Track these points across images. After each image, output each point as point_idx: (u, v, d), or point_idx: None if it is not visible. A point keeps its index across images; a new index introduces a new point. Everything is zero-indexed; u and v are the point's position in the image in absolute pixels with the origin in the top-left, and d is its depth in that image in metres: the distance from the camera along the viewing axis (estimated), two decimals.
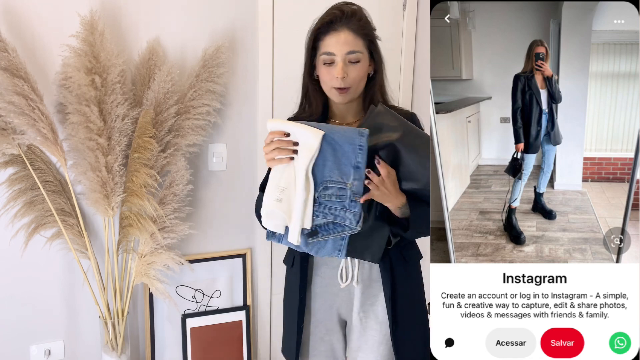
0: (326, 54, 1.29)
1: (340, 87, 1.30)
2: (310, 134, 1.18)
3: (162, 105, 1.89)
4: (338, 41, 1.27)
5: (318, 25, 1.32)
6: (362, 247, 1.31)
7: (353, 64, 1.29)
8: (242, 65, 2.19)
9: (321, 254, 1.31)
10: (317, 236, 1.25)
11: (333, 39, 1.28)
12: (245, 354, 2.31)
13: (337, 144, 1.18)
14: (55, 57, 1.84)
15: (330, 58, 1.29)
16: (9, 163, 1.83)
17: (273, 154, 1.21)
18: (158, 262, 1.94)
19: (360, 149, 1.18)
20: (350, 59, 1.29)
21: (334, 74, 1.28)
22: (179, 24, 2.05)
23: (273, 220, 1.25)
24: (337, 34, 1.28)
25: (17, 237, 1.85)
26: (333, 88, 1.31)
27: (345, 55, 1.28)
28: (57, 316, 2.04)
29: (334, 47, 1.28)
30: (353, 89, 1.32)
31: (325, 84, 1.33)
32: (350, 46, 1.28)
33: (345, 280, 1.42)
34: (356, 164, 1.19)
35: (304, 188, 1.18)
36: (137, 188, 1.82)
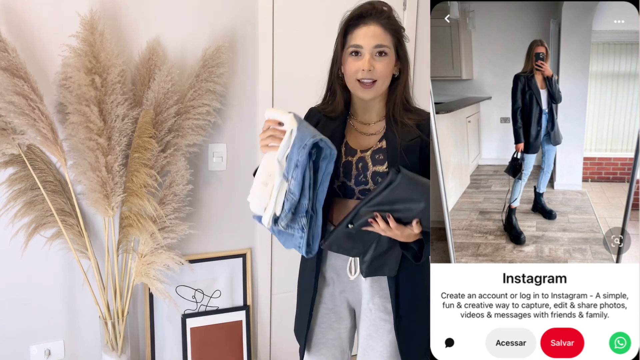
0: (354, 46, 1.30)
1: (365, 81, 1.29)
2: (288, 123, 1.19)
3: (162, 105, 1.89)
4: (367, 34, 1.28)
5: (349, 17, 1.32)
6: (380, 265, 1.36)
7: (380, 57, 1.29)
8: (242, 65, 2.19)
9: (287, 245, 1.35)
10: (276, 224, 1.28)
11: (362, 31, 1.29)
12: (245, 354, 2.31)
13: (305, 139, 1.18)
14: (55, 57, 1.84)
15: (357, 50, 1.29)
16: (9, 163, 1.83)
17: (267, 141, 1.25)
18: (158, 262, 1.94)
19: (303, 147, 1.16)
20: (377, 52, 1.29)
21: (360, 65, 1.28)
22: (179, 24, 2.05)
23: (256, 201, 1.29)
24: (367, 27, 1.28)
25: (17, 237, 1.85)
26: (357, 81, 1.31)
27: (373, 48, 1.28)
28: (57, 316, 2.04)
29: (362, 40, 1.28)
30: (378, 84, 1.31)
31: (350, 77, 1.32)
32: (378, 40, 1.28)
33: (353, 273, 1.43)
34: (296, 161, 1.18)
35: (278, 173, 1.21)
36: (137, 188, 1.82)
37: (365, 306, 1.47)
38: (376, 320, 1.46)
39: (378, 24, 1.29)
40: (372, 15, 1.29)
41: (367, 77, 1.29)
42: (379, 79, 1.30)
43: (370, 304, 1.46)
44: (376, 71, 1.28)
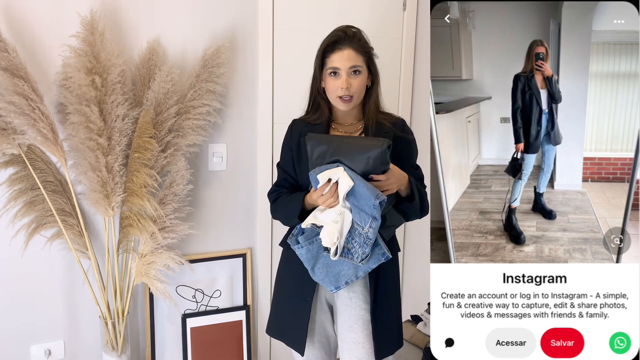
0: (332, 68, 1.51)
1: (344, 97, 1.50)
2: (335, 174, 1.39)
3: (163, 105, 1.89)
4: (342, 57, 1.49)
5: (325, 44, 1.53)
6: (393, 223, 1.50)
7: (355, 75, 1.50)
8: (242, 65, 2.19)
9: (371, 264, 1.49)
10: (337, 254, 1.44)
11: (338, 55, 1.50)
12: (245, 354, 2.31)
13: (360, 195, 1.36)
14: (55, 57, 1.84)
15: (335, 71, 1.50)
16: (9, 163, 1.83)
17: (329, 202, 1.41)
18: (158, 262, 1.94)
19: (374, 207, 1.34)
20: (352, 71, 1.50)
21: (339, 84, 1.50)
22: (180, 24, 2.05)
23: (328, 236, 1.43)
24: (342, 52, 1.49)
25: (18, 237, 1.85)
26: (338, 97, 1.51)
27: (349, 69, 1.49)
28: (58, 316, 2.04)
29: (339, 63, 1.49)
30: (355, 98, 1.52)
31: (331, 94, 1.53)
32: (352, 62, 1.49)
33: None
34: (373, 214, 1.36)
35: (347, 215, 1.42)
36: (137, 188, 1.82)
37: (344, 294, 1.56)
38: (357, 310, 1.55)
39: (351, 48, 1.50)
40: (346, 41, 1.50)
41: (346, 94, 1.50)
42: (355, 94, 1.51)
43: (350, 293, 1.56)
44: (352, 87, 1.50)
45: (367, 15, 2.40)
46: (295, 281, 1.58)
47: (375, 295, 1.54)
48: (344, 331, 1.57)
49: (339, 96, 1.51)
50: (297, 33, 2.24)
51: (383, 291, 1.56)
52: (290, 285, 1.61)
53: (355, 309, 1.55)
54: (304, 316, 1.56)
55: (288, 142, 1.62)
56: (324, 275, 1.49)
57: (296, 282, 1.58)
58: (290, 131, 1.63)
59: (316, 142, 1.40)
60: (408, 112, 2.58)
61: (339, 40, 1.51)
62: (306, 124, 1.60)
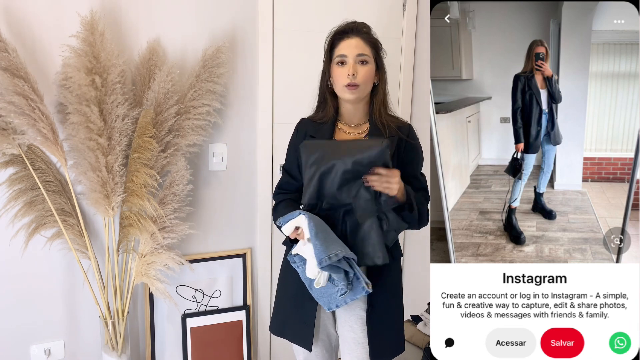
0: (340, 56, 1.51)
1: (350, 84, 1.49)
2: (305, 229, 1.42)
3: (163, 105, 1.89)
4: (350, 45, 1.51)
5: (333, 33, 1.55)
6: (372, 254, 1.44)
7: (362, 65, 1.50)
8: (242, 65, 2.19)
9: None
10: None
11: (345, 43, 1.51)
12: (245, 354, 2.31)
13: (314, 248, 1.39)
14: (55, 57, 1.84)
15: (342, 59, 1.51)
16: (9, 163, 1.83)
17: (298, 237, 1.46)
18: (158, 262, 1.94)
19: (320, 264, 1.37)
20: (359, 60, 1.50)
21: (345, 71, 1.49)
22: (179, 24, 2.05)
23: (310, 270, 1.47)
24: (350, 40, 1.51)
25: (18, 237, 1.85)
26: (344, 86, 1.50)
27: (356, 57, 1.50)
28: (58, 316, 2.04)
29: (346, 50, 1.50)
30: (361, 88, 1.51)
31: (338, 84, 1.52)
32: (360, 49, 1.50)
33: None
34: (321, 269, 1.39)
35: None
36: (137, 188, 1.82)
37: None
38: (356, 310, 1.55)
39: (359, 37, 1.52)
40: (354, 31, 1.52)
41: (352, 82, 1.49)
42: (361, 84, 1.50)
43: None
44: (359, 75, 1.49)
45: (367, 15, 2.39)
46: (299, 280, 1.58)
47: (372, 298, 1.53)
48: (345, 330, 1.57)
49: (345, 85, 1.50)
50: (297, 33, 2.24)
51: (382, 295, 1.55)
52: (294, 284, 1.60)
53: (355, 309, 1.55)
54: (310, 314, 1.56)
55: (294, 143, 1.61)
56: (319, 295, 1.50)
57: (299, 281, 1.58)
58: (297, 131, 1.63)
59: (310, 149, 1.39)
60: (408, 112, 2.58)
61: (347, 29, 1.53)
62: (312, 123, 1.60)
